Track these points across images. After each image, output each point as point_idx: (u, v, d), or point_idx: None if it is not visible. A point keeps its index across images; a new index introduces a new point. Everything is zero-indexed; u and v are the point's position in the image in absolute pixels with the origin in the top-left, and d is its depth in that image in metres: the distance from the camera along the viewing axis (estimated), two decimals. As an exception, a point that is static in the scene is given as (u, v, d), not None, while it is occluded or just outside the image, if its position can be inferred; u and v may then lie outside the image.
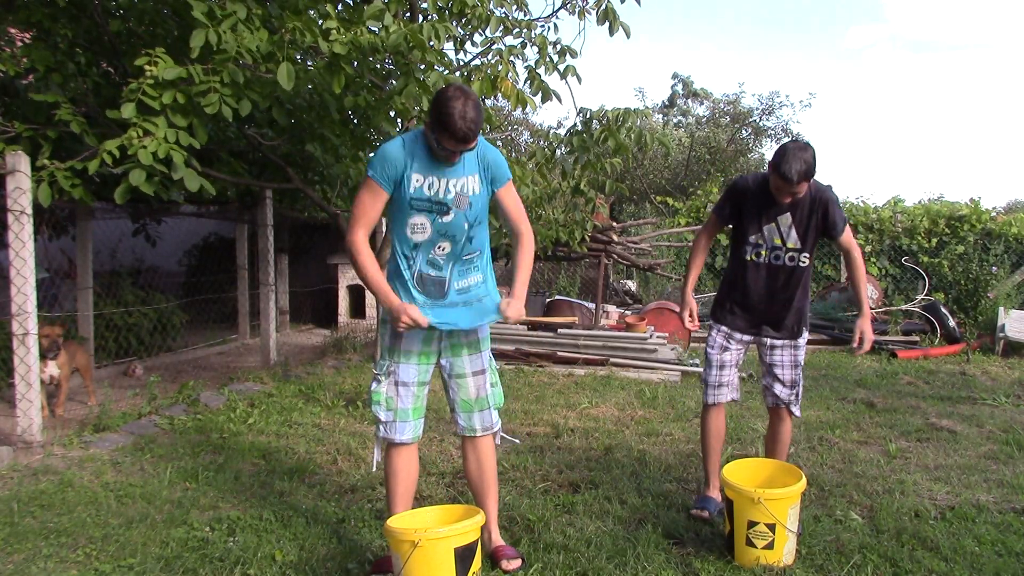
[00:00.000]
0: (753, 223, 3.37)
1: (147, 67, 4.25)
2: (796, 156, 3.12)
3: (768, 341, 3.49)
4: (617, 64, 45.58)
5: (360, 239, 2.81)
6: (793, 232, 3.33)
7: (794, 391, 3.50)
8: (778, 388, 3.49)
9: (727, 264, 3.60)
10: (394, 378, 2.92)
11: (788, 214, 3.32)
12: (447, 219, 2.81)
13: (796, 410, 3.54)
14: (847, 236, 3.41)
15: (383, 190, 2.78)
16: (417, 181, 2.77)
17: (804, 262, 3.38)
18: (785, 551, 2.97)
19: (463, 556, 2.65)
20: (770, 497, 2.91)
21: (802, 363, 3.51)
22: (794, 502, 2.99)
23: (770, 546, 2.94)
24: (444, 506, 3.00)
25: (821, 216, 3.33)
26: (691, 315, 3.55)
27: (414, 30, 4.22)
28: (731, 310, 3.51)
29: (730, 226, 3.54)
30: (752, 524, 2.94)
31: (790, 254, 3.36)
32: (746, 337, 3.51)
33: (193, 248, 9.77)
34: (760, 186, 3.36)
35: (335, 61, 4.31)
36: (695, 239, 3.64)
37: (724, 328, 3.52)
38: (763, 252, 3.38)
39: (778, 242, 3.35)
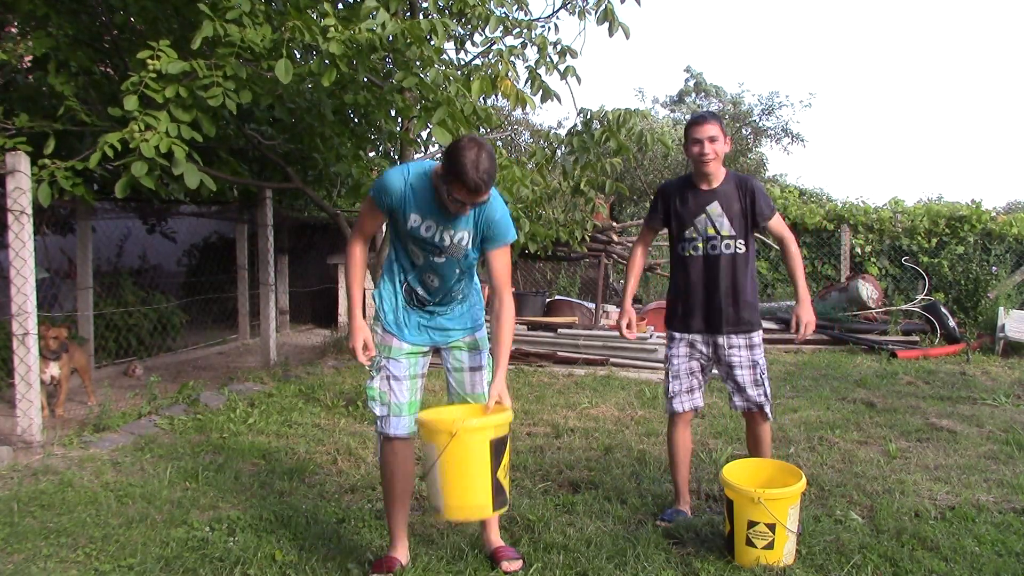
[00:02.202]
0: (685, 218, 3.44)
1: (149, 60, 4.24)
2: (700, 112, 3.44)
3: (723, 341, 3.43)
4: (617, 63, 45.57)
5: (357, 250, 2.95)
6: (725, 220, 3.38)
7: (759, 391, 3.41)
8: (741, 390, 3.43)
9: (669, 271, 3.61)
10: (386, 373, 2.95)
11: (716, 203, 3.39)
12: (439, 260, 2.88)
13: (768, 411, 3.45)
14: (776, 222, 3.46)
15: (380, 211, 2.89)
16: (415, 220, 2.81)
17: (741, 249, 3.40)
18: (785, 551, 2.97)
19: (497, 449, 2.66)
20: (770, 497, 2.91)
21: (761, 364, 3.43)
22: (794, 502, 2.99)
23: (770, 546, 2.94)
24: (469, 405, 2.98)
25: (749, 202, 3.39)
26: (629, 325, 3.54)
27: (413, 25, 4.23)
28: (683, 313, 3.49)
29: (664, 231, 3.61)
30: (752, 524, 2.94)
31: (726, 242, 3.39)
32: (706, 339, 3.45)
33: (193, 248, 9.77)
34: (683, 183, 3.50)
35: (331, 60, 4.33)
36: (631, 252, 3.66)
37: (684, 336, 3.48)
38: (700, 244, 3.42)
39: (712, 232, 3.39)
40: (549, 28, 5.50)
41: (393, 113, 5.28)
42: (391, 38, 4.28)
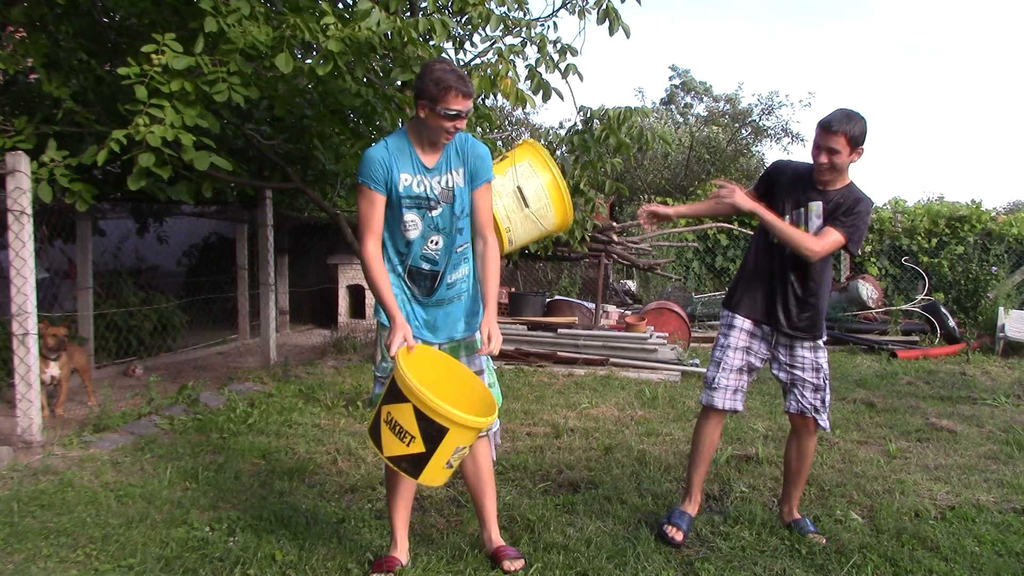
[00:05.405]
0: (783, 205, 3.22)
1: (154, 55, 4.24)
2: (841, 111, 3.05)
3: (787, 340, 3.28)
4: (615, 63, 45.61)
5: (371, 250, 2.82)
6: (820, 224, 3.16)
7: (819, 397, 3.28)
8: (801, 391, 3.28)
9: (747, 252, 3.42)
10: None
11: (819, 203, 3.17)
12: (435, 213, 2.87)
13: (823, 421, 3.30)
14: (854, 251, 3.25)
15: (377, 193, 2.80)
16: (405, 180, 2.82)
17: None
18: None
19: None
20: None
21: (825, 370, 3.30)
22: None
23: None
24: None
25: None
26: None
27: (406, 25, 4.23)
28: (748, 294, 3.30)
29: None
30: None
31: None
32: (768, 332, 3.28)
33: (193, 248, 9.77)
34: (799, 171, 3.24)
35: (330, 57, 4.34)
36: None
37: (746, 321, 3.28)
38: None
39: (803, 230, 3.18)
40: (549, 27, 5.49)
41: (399, 108, 5.28)
42: (388, 35, 4.29)
